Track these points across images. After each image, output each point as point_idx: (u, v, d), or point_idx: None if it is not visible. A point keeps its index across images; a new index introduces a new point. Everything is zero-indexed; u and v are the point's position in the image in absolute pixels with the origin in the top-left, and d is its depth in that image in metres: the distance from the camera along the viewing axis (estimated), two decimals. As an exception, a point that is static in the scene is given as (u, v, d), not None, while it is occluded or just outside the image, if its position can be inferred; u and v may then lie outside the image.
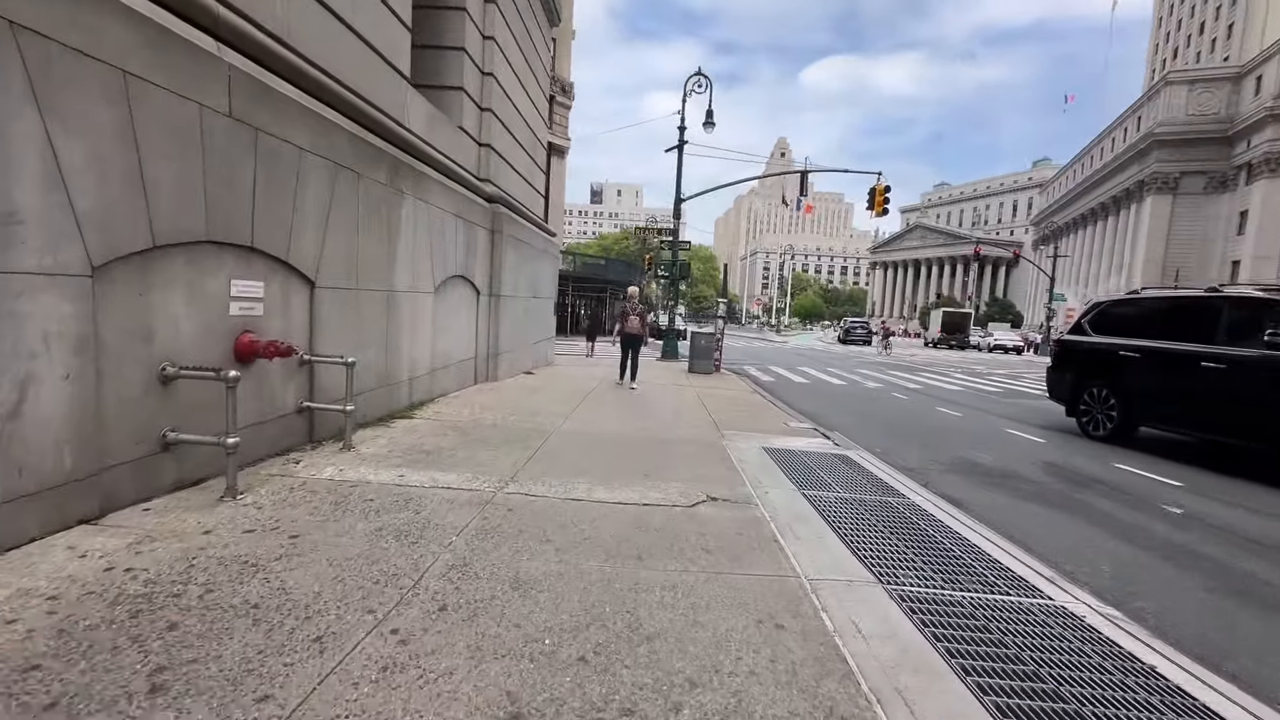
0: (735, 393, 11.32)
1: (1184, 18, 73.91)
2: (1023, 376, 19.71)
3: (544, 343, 14.11)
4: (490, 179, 9.93)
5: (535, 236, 12.71)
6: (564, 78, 41.19)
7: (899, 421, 9.39)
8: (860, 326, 41.02)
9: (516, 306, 11.18)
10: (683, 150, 17.76)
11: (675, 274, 18.19)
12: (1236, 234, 52.15)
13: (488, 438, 5.78)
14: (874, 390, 13.72)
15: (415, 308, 7.02)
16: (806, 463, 5.65)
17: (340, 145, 5.17)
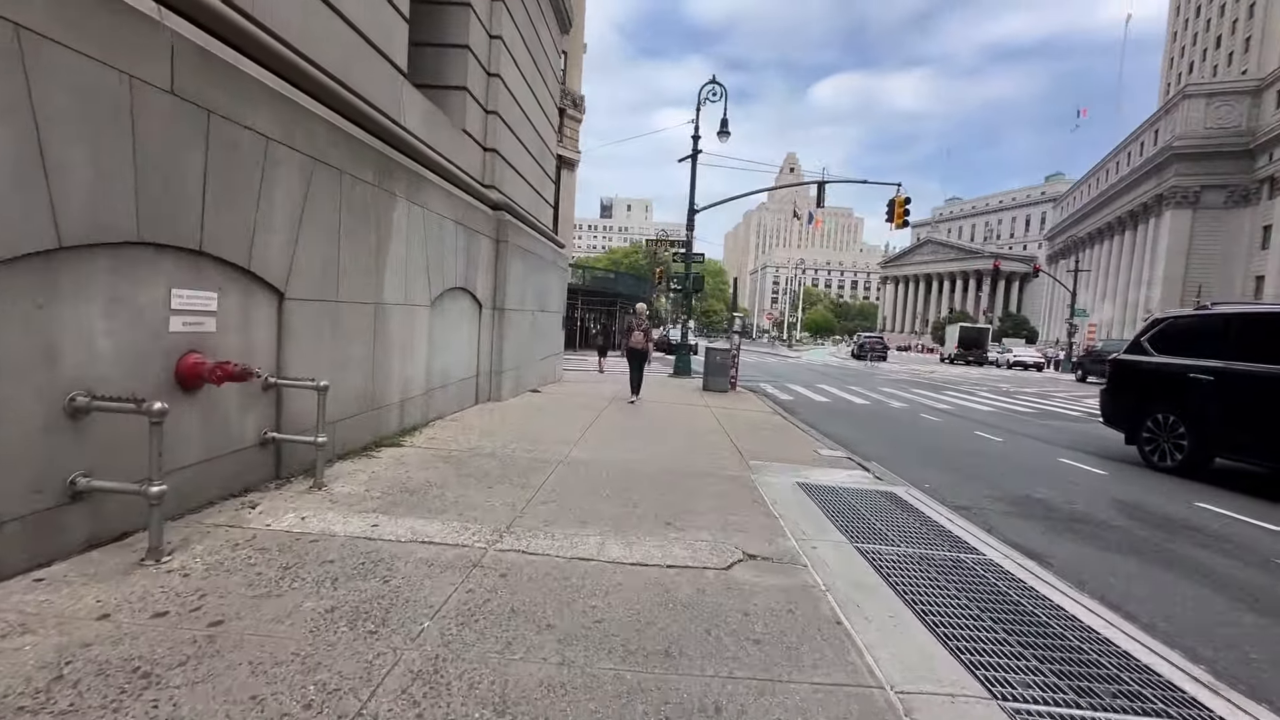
0: (755, 414, 10.56)
1: (1199, 31, 73.22)
2: (1052, 396, 18.78)
3: (552, 358, 13.44)
4: (495, 185, 9.33)
5: (543, 247, 12.09)
6: (575, 90, 41.04)
7: (938, 448, 8.58)
8: (875, 342, 40.11)
9: (522, 321, 10.52)
10: (696, 160, 17.17)
11: (688, 287, 17.51)
12: (1260, 249, 50.89)
13: (485, 471, 5.06)
14: (901, 411, 12.90)
15: (408, 322, 6.35)
16: (850, 503, 4.88)
17: (319, 138, 4.54)
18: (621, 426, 8.06)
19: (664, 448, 6.75)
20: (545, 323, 12.49)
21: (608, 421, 8.38)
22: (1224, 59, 66.96)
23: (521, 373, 10.72)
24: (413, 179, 6.29)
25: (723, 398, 12.76)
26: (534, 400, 10.08)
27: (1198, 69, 70.78)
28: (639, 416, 9.13)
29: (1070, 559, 4.23)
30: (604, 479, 5.10)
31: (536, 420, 7.99)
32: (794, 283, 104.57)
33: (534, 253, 11.21)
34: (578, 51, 42.21)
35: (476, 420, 7.60)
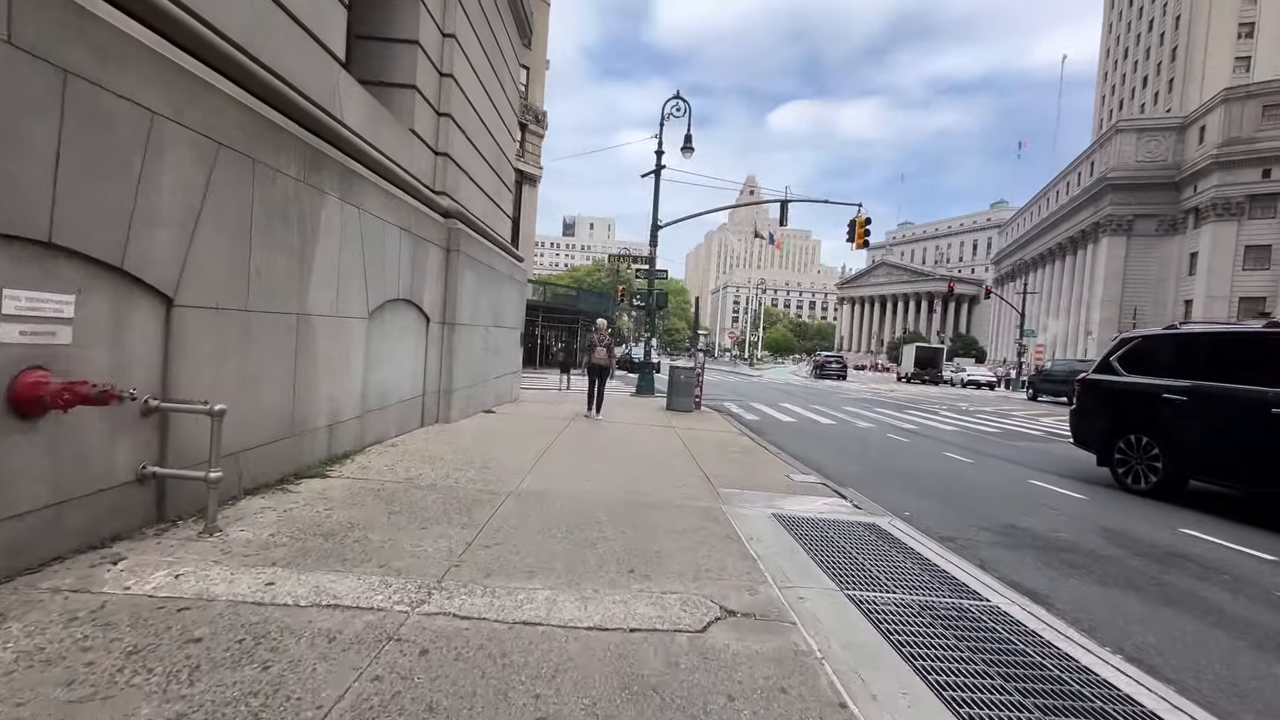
0: (722, 435, 10.10)
1: (1127, 72, 78.39)
2: (1010, 415, 19.02)
3: (508, 377, 12.74)
4: (447, 192, 8.71)
5: (499, 259, 11.47)
6: (537, 106, 40.71)
7: (911, 471, 8.26)
8: (834, 361, 40.61)
9: (475, 337, 9.84)
10: (660, 176, 16.90)
11: (651, 304, 17.09)
12: (1188, 274, 54.10)
13: (421, 507, 4.40)
14: (868, 431, 12.67)
15: (340, 336, 5.65)
16: (832, 538, 4.41)
17: (226, 120, 3.88)
18: (580, 450, 7.46)
19: (626, 474, 6.18)
20: (501, 339, 11.83)
21: (566, 445, 7.76)
22: (1150, 98, 71.74)
23: (475, 392, 10.01)
24: (349, 177, 5.65)
25: (688, 418, 12.28)
26: (487, 422, 9.38)
27: (1127, 106, 75.63)
28: (600, 439, 8.54)
29: (1073, 600, 3.84)
30: (559, 513, 4.50)
31: (488, 444, 7.31)
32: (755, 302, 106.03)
33: (489, 265, 10.59)
34: (540, 67, 42.05)
35: (420, 445, 6.88)
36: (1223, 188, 49.89)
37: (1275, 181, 48.20)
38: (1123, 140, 58.38)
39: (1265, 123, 49.19)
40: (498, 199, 12.18)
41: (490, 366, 11.01)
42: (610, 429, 9.71)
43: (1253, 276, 49.63)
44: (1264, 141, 48.72)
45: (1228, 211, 50.31)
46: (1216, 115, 50.86)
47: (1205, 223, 51.31)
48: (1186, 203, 54.24)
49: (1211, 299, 50.51)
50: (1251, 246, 49.68)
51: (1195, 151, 53.28)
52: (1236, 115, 50.00)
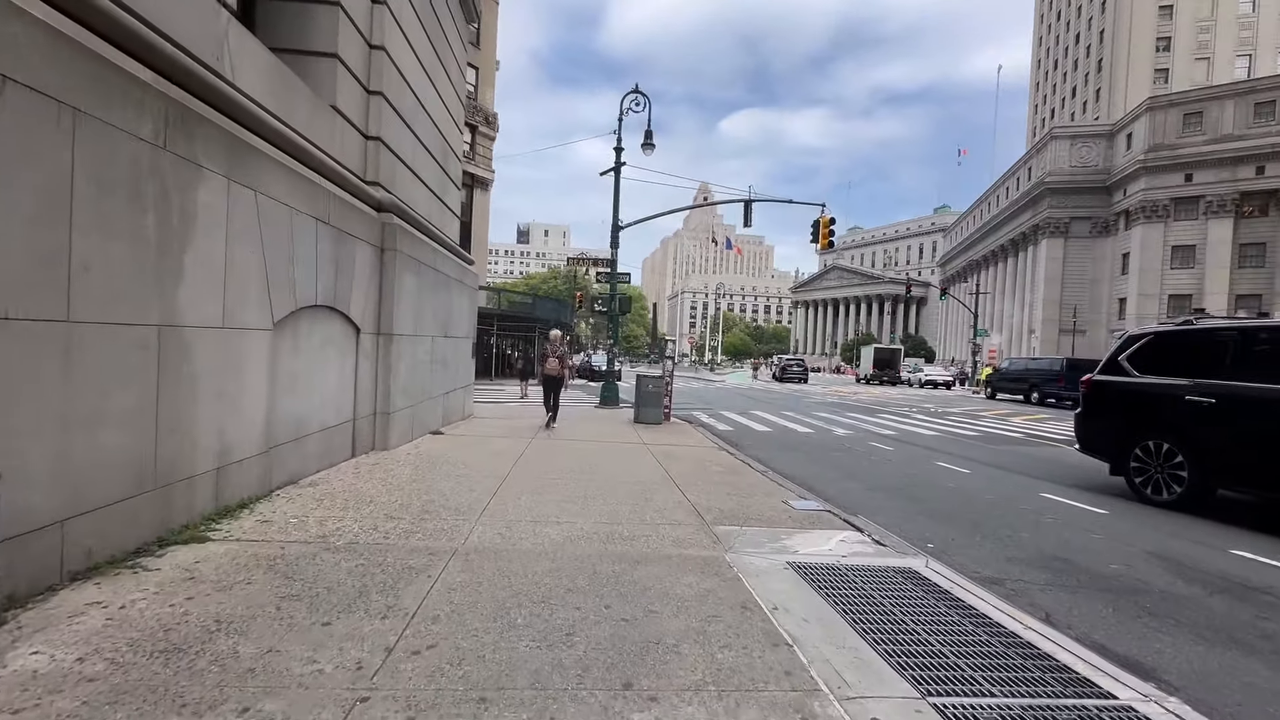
0: (699, 450, 9.15)
1: (1058, 83, 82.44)
2: (980, 416, 18.82)
3: (459, 392, 11.48)
4: (381, 183, 7.50)
5: (446, 262, 10.24)
6: (487, 107, 39.25)
7: (912, 487, 7.49)
8: (796, 364, 40.47)
9: (418, 349, 8.60)
10: (620, 173, 15.95)
11: (614, 309, 16.07)
12: (1121, 274, 56.75)
13: (330, 583, 3.23)
14: (848, 439, 11.96)
15: (231, 353, 4.40)
16: (871, 595, 3.48)
17: (19, 45, 2.68)
18: (543, 479, 6.35)
19: (601, 511, 5.12)
20: (450, 351, 10.58)
21: (526, 472, 6.64)
22: (1079, 107, 75.52)
23: (419, 411, 8.74)
24: (241, 153, 4.43)
25: (658, 431, 11.30)
26: (434, 446, 8.14)
27: (1058, 114, 79.39)
28: (566, 463, 7.44)
29: (1193, 674, 3.01)
30: (519, 582, 3.41)
31: (432, 477, 6.12)
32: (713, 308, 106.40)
33: (434, 268, 9.36)
34: (489, 67, 40.66)
35: (348, 482, 5.64)
36: (1149, 191, 52.55)
37: (1196, 185, 51.04)
38: (1057, 146, 61.00)
39: (1186, 130, 52.13)
40: (444, 196, 10.96)
41: (437, 381, 9.75)
42: (577, 449, 8.62)
43: (1180, 275, 52.37)
44: (1185, 148, 51.58)
45: (1155, 214, 53.02)
46: (1142, 123, 53.63)
47: (1135, 224, 53.92)
48: (1117, 205, 56.96)
49: (1144, 297, 53.05)
50: (1178, 246, 52.43)
51: (1123, 157, 56.04)
52: (1160, 123, 52.81)
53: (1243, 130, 50.31)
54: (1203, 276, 51.27)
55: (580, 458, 7.89)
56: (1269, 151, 48.10)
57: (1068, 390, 24.26)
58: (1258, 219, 50.29)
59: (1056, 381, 24.66)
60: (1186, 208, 51.79)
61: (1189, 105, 51.94)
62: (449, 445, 8.35)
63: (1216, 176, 51.20)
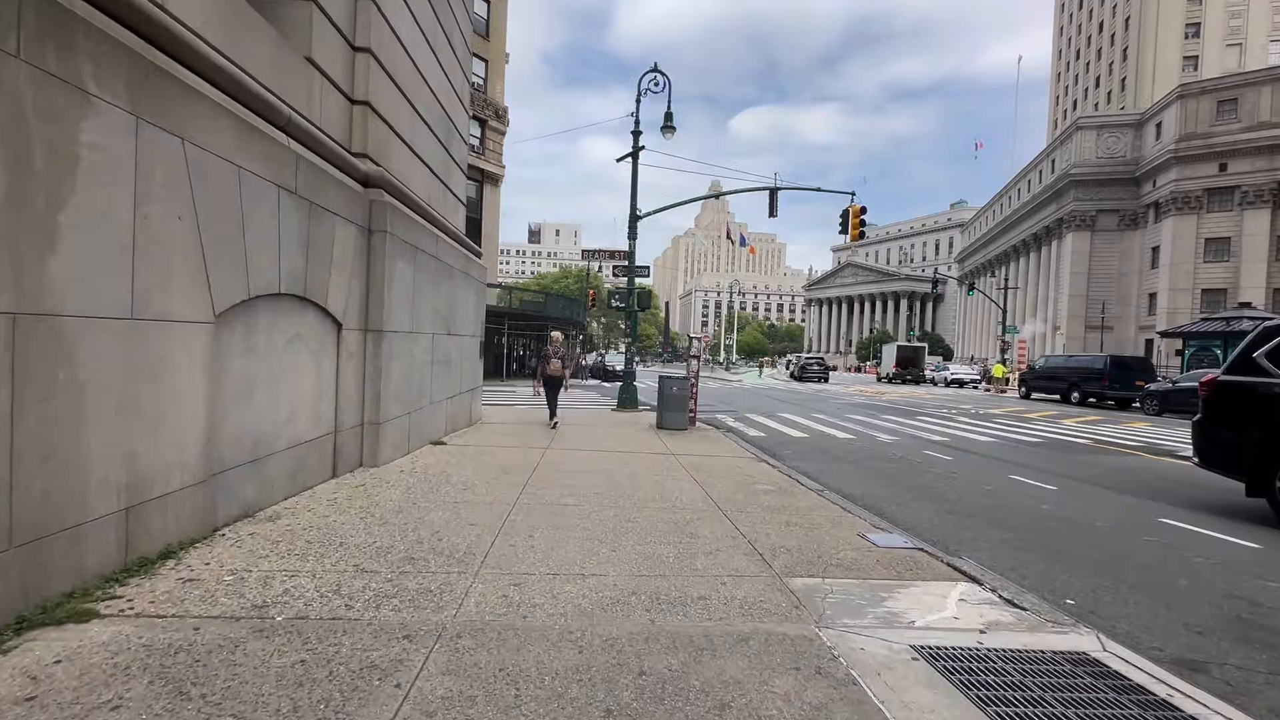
0: (735, 462, 7.99)
1: (1080, 73, 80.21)
2: (1027, 418, 17.44)
3: (465, 396, 10.39)
4: (370, 154, 6.41)
5: (449, 251, 9.15)
6: (497, 101, 38.23)
7: (1000, 511, 6.26)
8: (816, 363, 39.05)
9: (415, 348, 7.50)
10: (638, 158, 14.78)
11: (631, 305, 14.90)
12: (1150, 268, 54.71)
13: (234, 709, 2.11)
14: (897, 446, 10.72)
15: (146, 353, 3.30)
16: (1060, 712, 2.30)
17: None
18: (560, 505, 5.22)
19: (637, 554, 3.97)
20: (454, 350, 9.48)
21: (539, 496, 5.50)
22: (1104, 97, 73.30)
23: (417, 420, 7.65)
24: (157, 84, 3.32)
25: (685, 439, 10.13)
26: (432, 461, 7.02)
27: (1081, 105, 77.15)
28: (586, 480, 6.30)
29: None
30: (531, 696, 2.26)
31: (425, 504, 5.00)
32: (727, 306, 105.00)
33: (435, 256, 8.26)
34: (499, 60, 39.67)
35: (319, 515, 4.53)
36: (1181, 182, 50.50)
37: (1231, 175, 48.95)
38: (1083, 137, 59.00)
39: (1219, 118, 50.07)
40: (447, 179, 9.87)
41: (439, 384, 8.65)
42: (598, 462, 7.48)
43: (1213, 268, 50.30)
44: (1219, 136, 49.54)
45: (1187, 205, 50.98)
46: (1172, 111, 51.60)
47: (1166, 217, 51.89)
48: (1146, 197, 54.90)
49: (1175, 291, 51.07)
50: (1211, 239, 50.37)
51: (1153, 147, 53.99)
52: (1192, 111, 50.76)
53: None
54: (1238, 270, 49.19)
55: (603, 474, 6.74)
56: (1310, 138, 45.92)
57: (1113, 389, 22.76)
58: (1296, 209, 48.13)
59: (1100, 380, 23.14)
60: (1220, 198, 49.71)
61: (1223, 92, 49.88)
62: (451, 459, 7.23)
63: (1253, 165, 49.14)
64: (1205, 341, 30.56)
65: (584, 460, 7.65)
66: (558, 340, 11.54)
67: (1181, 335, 32.20)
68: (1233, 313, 32.48)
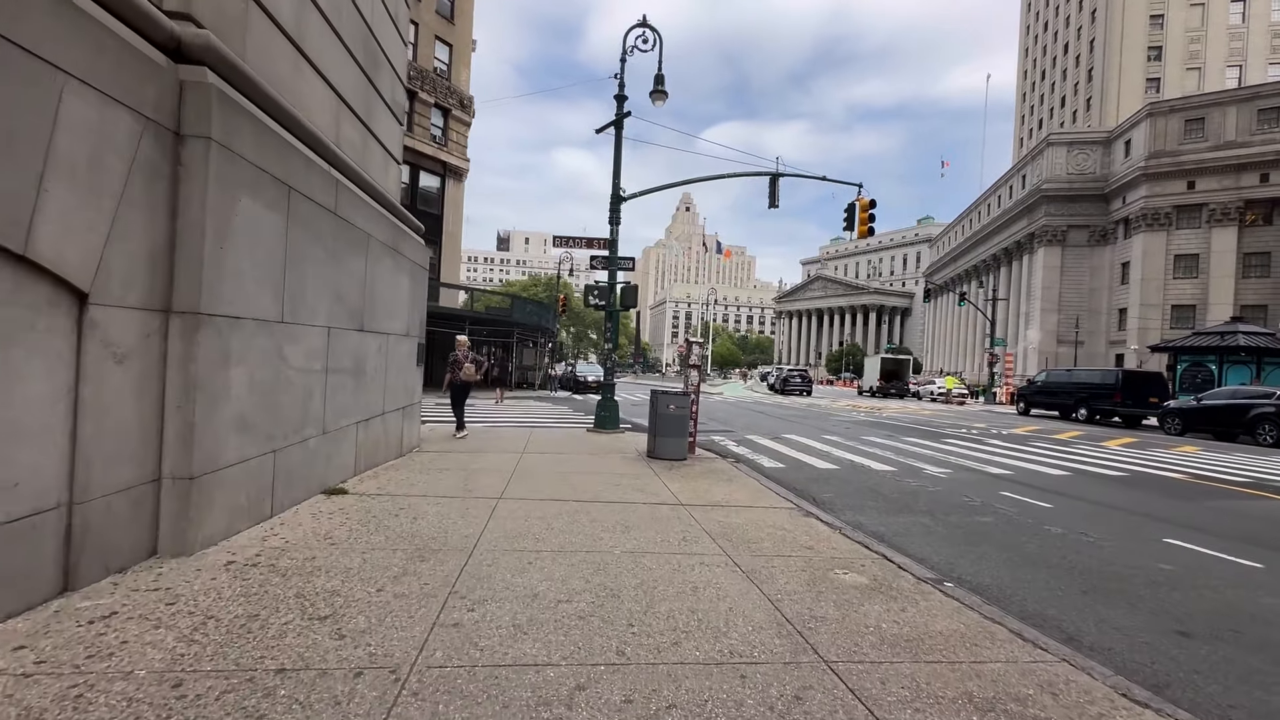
0: (774, 518, 5.44)
1: (1045, 93, 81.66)
2: (1065, 440, 15.40)
3: (392, 416, 7.60)
4: (193, 15, 3.70)
5: (365, 213, 6.41)
6: (461, 89, 35.34)
7: (1244, 621, 3.86)
8: (798, 375, 36.98)
9: (291, 348, 4.73)
10: (621, 129, 12.27)
11: (613, 303, 12.27)
12: (1120, 284, 54.88)
13: None
14: (959, 485, 8.33)
15: None
16: None
17: None
18: (510, 669, 2.57)
19: None
20: (371, 354, 6.71)
21: (471, 635, 2.84)
22: (1069, 116, 74.47)
23: (291, 461, 4.85)
24: None
25: (689, 475, 7.55)
26: (301, 536, 4.24)
27: (1046, 125, 78.32)
28: (563, 574, 3.66)
29: None
30: None
31: (207, 682, 2.31)
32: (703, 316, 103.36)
33: (336, 214, 5.54)
34: (465, 46, 36.75)
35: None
36: (1151, 199, 50.77)
37: (1199, 193, 49.34)
38: (1054, 153, 59.28)
39: (1187, 137, 50.59)
40: (369, 119, 7.17)
41: (341, 403, 5.86)
42: (579, 528, 4.82)
43: (1183, 284, 50.57)
44: (1187, 155, 50.01)
45: (1157, 222, 51.26)
46: (1142, 129, 51.99)
47: (1136, 233, 52.09)
48: (1116, 214, 55.18)
49: (1146, 307, 51.17)
50: (1180, 255, 50.67)
51: (1122, 164, 54.35)
52: (1161, 129, 51.19)
53: (1246, 137, 48.85)
54: (1207, 286, 49.50)
55: (589, 557, 4.08)
56: (1274, 158, 46.61)
57: (1126, 406, 21.15)
58: (1262, 228, 48.73)
59: (1111, 396, 21.49)
60: (1189, 216, 50.08)
61: (1191, 111, 50.43)
62: (339, 528, 4.47)
63: (1220, 184, 49.65)
64: (1198, 357, 29.69)
65: (557, 523, 4.97)
66: (464, 345, 10.57)
67: (1172, 350, 31.32)
68: (1226, 327, 31.85)
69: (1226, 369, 28.02)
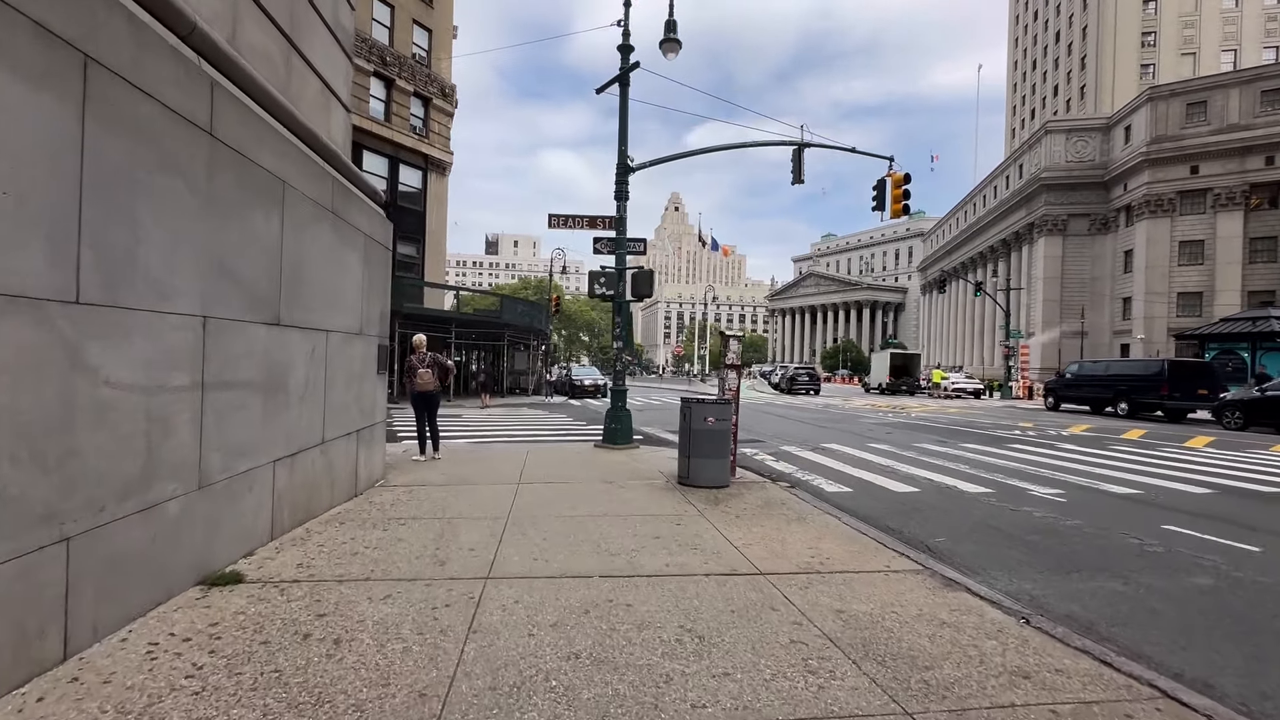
0: (906, 595, 3.42)
1: (1036, 83, 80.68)
2: (1151, 443, 13.53)
3: (340, 444, 5.49)
4: None
5: (265, 140, 4.28)
6: (443, 78, 33.07)
7: None
8: (806, 374, 35.05)
9: (100, 351, 2.61)
10: (628, 84, 10.23)
11: (620, 292, 10.19)
12: (1124, 272, 53.66)
13: None
14: (1091, 511, 6.38)
15: None
16: None
17: None
18: None
19: None
20: (298, 359, 4.61)
21: None
22: (1062, 105, 73.40)
23: (143, 540, 2.74)
24: None
25: (741, 511, 5.52)
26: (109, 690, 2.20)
27: (1039, 115, 77.27)
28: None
29: None
30: None
31: None
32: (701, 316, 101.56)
33: (224, 141, 3.45)
34: (445, 32, 34.45)
35: None
36: (1154, 185, 49.55)
37: (1203, 178, 48.15)
38: (1052, 141, 57.99)
39: (1189, 121, 49.39)
40: (294, 32, 5.10)
41: (245, 434, 3.76)
42: (610, 625, 2.79)
43: (1189, 271, 49.33)
44: (1190, 139, 48.81)
45: (1160, 208, 50.03)
46: (1142, 114, 50.77)
47: (1139, 220, 50.86)
48: (1117, 201, 53.97)
49: (1152, 295, 49.87)
50: (1185, 242, 49.44)
51: (1121, 151, 53.12)
52: (1162, 114, 49.97)
53: (1249, 120, 47.66)
54: (1213, 273, 48.24)
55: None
56: (1279, 140, 45.40)
57: (1174, 399, 19.40)
58: (1268, 212, 47.55)
59: (1157, 389, 19.71)
60: (1193, 201, 48.86)
61: (1192, 95, 49.23)
62: (177, 687, 2.41)
63: (1224, 168, 48.44)
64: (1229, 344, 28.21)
65: (583, 635, 2.92)
66: (421, 345, 8.61)
67: (1200, 338, 29.85)
68: (1257, 312, 30.43)
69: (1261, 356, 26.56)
